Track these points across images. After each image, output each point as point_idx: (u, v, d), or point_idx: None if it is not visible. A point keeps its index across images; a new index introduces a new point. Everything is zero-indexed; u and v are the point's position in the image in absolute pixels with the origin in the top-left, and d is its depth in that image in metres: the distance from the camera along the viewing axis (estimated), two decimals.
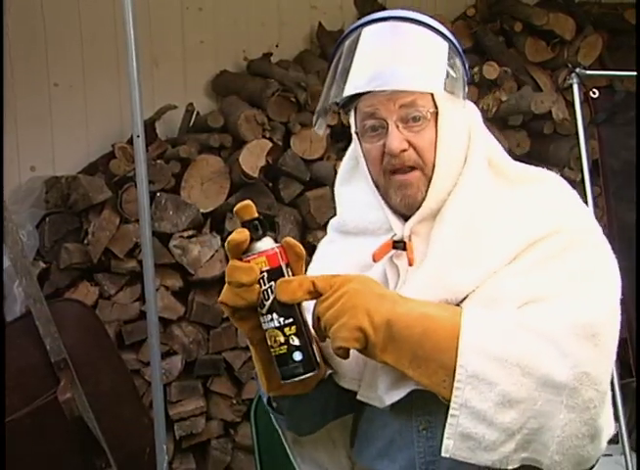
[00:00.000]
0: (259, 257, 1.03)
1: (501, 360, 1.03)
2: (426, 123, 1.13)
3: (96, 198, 2.71)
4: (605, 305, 1.10)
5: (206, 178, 2.83)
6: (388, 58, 1.13)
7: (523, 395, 1.03)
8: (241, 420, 2.90)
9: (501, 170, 1.19)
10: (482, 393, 1.03)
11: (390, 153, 1.12)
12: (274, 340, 1.04)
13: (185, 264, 2.78)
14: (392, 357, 1.05)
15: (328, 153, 2.91)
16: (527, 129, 3.08)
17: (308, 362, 1.05)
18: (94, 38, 3.02)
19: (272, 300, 1.03)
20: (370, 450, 1.19)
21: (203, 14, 3.20)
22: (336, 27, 3.27)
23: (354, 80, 1.11)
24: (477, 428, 1.03)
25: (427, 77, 1.13)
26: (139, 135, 2.05)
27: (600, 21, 3.26)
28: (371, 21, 1.17)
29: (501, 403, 1.02)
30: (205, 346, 2.85)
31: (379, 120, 1.13)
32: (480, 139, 1.18)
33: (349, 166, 1.25)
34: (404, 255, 1.14)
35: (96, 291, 2.75)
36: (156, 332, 2.17)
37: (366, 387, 1.16)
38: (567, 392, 1.03)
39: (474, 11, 3.22)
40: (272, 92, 2.86)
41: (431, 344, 1.04)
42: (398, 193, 1.14)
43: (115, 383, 2.55)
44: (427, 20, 1.17)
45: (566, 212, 1.16)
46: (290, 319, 1.04)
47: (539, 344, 1.04)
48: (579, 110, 2.42)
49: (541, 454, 1.05)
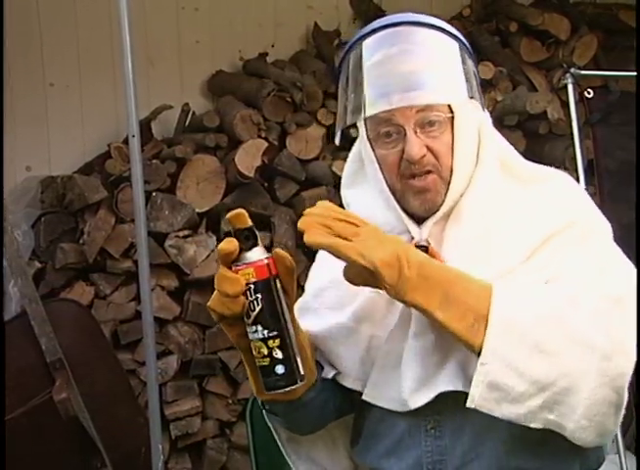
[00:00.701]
0: (247, 268, 1.02)
1: (534, 311, 1.02)
2: (443, 128, 1.13)
3: (92, 198, 2.72)
4: (630, 282, 1.08)
5: (202, 178, 2.84)
6: (406, 69, 1.11)
7: (555, 347, 1.00)
8: (236, 420, 2.90)
9: (513, 171, 1.20)
10: (515, 340, 1.00)
11: (411, 159, 1.11)
12: (258, 351, 1.03)
13: (181, 264, 2.78)
14: (422, 297, 1.01)
15: (323, 153, 2.92)
16: (523, 129, 3.08)
17: (291, 375, 1.04)
18: (90, 38, 3.02)
19: (258, 311, 1.02)
20: (377, 449, 1.19)
21: (199, 14, 3.20)
22: (331, 28, 3.28)
23: (374, 98, 1.10)
24: (506, 377, 1.00)
25: (450, 87, 1.13)
26: (134, 135, 2.06)
27: (595, 21, 3.27)
28: (379, 27, 1.15)
29: (534, 353, 1.00)
30: (201, 345, 2.85)
31: (395, 127, 1.12)
32: (490, 140, 1.19)
33: (353, 169, 1.25)
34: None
35: (92, 291, 2.75)
36: (151, 332, 2.17)
37: (372, 387, 1.16)
38: (599, 354, 1.01)
39: (469, 11, 3.23)
40: (268, 92, 2.86)
41: (462, 286, 1.03)
42: (417, 198, 1.14)
43: (111, 383, 2.55)
44: (436, 22, 1.16)
45: (577, 207, 1.17)
46: (274, 332, 1.03)
47: (571, 306, 1.03)
48: (574, 110, 2.43)
49: (567, 418, 1.02)
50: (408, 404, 1.12)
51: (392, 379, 1.14)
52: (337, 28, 3.28)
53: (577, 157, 2.42)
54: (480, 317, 1.01)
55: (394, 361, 1.15)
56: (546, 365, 1.00)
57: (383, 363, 1.16)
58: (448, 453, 1.13)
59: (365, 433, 1.22)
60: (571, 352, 1.01)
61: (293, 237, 2.86)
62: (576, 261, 1.09)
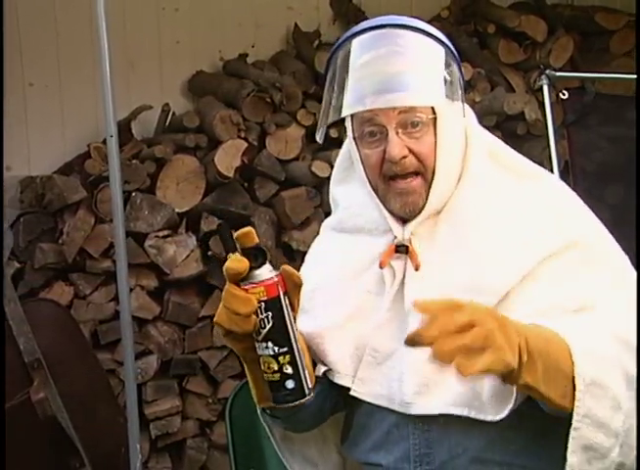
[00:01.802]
0: (258, 286, 1.03)
1: (606, 364, 1.04)
2: (425, 129, 1.14)
3: (71, 198, 2.72)
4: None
5: (182, 178, 2.84)
6: (387, 71, 1.12)
7: (625, 395, 1.04)
8: (217, 419, 2.91)
9: (503, 161, 1.21)
10: (600, 399, 1.02)
11: (391, 160, 1.12)
12: (267, 366, 1.05)
13: (160, 264, 2.79)
14: (531, 377, 0.99)
15: (303, 153, 2.93)
16: (501, 130, 3.11)
17: (300, 390, 1.06)
18: (70, 38, 3.01)
19: (269, 328, 1.04)
20: (366, 443, 1.21)
21: (179, 14, 3.21)
22: (311, 28, 3.29)
23: (353, 98, 1.11)
24: (597, 437, 1.02)
25: (427, 90, 1.14)
26: (112, 135, 2.06)
27: (571, 23, 3.31)
28: (365, 29, 1.16)
29: (614, 407, 1.03)
30: (181, 345, 2.86)
31: (378, 127, 1.14)
32: (477, 137, 1.20)
33: (344, 167, 1.27)
34: (401, 257, 1.16)
35: (71, 291, 2.76)
36: (130, 332, 2.17)
37: (360, 384, 1.18)
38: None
39: (448, 13, 3.26)
40: (247, 93, 2.87)
41: (555, 355, 1.01)
42: (399, 200, 1.15)
43: (90, 382, 2.55)
44: (422, 25, 1.17)
45: (578, 221, 1.18)
46: (284, 348, 1.05)
47: (623, 347, 1.06)
48: (549, 111, 2.45)
49: (628, 457, 1.06)
50: (410, 410, 1.14)
51: (381, 375, 1.16)
52: (317, 29, 3.29)
53: (553, 157, 2.44)
54: (569, 381, 1.02)
55: (382, 358, 1.17)
56: (622, 415, 1.04)
57: (369, 360, 1.18)
58: (435, 447, 1.15)
59: (354, 427, 1.24)
60: (631, 396, 1.05)
61: (272, 237, 2.87)
62: (592, 290, 1.11)
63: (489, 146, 1.21)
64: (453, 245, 1.15)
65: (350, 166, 1.24)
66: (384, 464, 1.19)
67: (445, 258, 1.15)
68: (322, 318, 1.22)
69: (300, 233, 2.89)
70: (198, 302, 2.87)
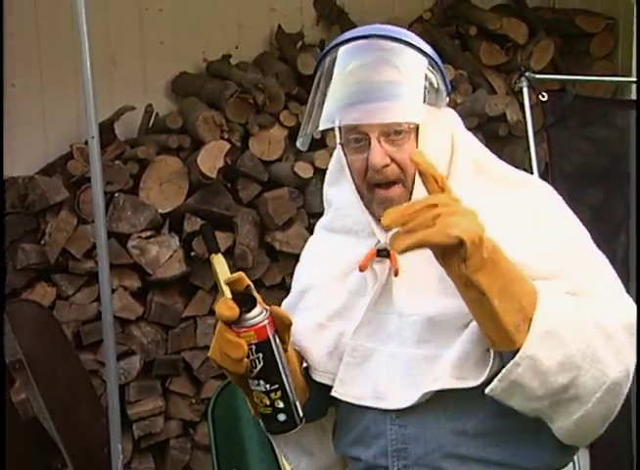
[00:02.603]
0: (249, 331, 1.07)
1: (571, 327, 1.06)
2: (407, 137, 1.14)
3: (53, 198, 2.72)
4: (633, 308, 1.15)
5: (165, 179, 2.85)
6: (363, 83, 1.12)
7: (579, 365, 1.06)
8: (200, 420, 2.91)
9: (487, 171, 1.22)
10: (550, 350, 1.05)
11: (372, 168, 1.13)
12: (260, 401, 1.11)
13: (143, 265, 2.79)
14: (486, 280, 1.01)
15: (286, 154, 2.94)
16: (483, 131, 3.13)
17: (292, 421, 1.11)
18: (52, 38, 3.01)
19: (260, 368, 1.08)
20: (347, 438, 1.24)
21: (162, 15, 3.21)
22: (295, 30, 3.31)
23: (328, 110, 1.12)
24: (531, 381, 1.05)
25: (402, 107, 1.14)
26: (94, 136, 2.06)
27: (553, 26, 3.34)
28: (349, 39, 1.17)
29: (561, 367, 1.05)
30: (164, 346, 2.86)
31: (361, 134, 1.14)
32: (463, 144, 1.20)
33: (337, 168, 1.27)
34: (385, 261, 1.18)
35: (53, 291, 2.76)
36: (111, 332, 2.18)
37: (340, 384, 1.20)
38: (611, 380, 1.08)
39: (430, 15, 3.28)
40: (230, 94, 2.88)
41: (520, 284, 1.05)
42: (381, 207, 1.16)
43: (72, 383, 2.55)
44: (405, 36, 1.17)
45: (563, 229, 1.18)
46: (275, 385, 1.09)
47: (597, 327, 1.08)
48: (529, 113, 2.47)
49: (561, 417, 1.10)
50: (386, 405, 1.16)
51: (360, 376, 1.18)
52: (300, 31, 3.30)
53: (532, 159, 2.47)
54: (526, 319, 1.04)
55: (361, 358, 1.19)
56: (567, 379, 1.06)
57: (349, 360, 1.19)
58: (412, 442, 1.17)
59: (338, 423, 1.28)
60: (590, 372, 1.07)
61: (255, 237, 2.88)
62: (586, 278, 1.13)
63: (475, 154, 1.22)
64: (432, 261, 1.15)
65: (343, 169, 1.25)
66: (363, 458, 1.22)
67: (430, 267, 1.14)
68: (307, 317, 1.23)
69: (283, 234, 2.91)
70: (181, 302, 2.88)
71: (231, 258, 2.80)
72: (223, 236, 2.82)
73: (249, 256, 2.83)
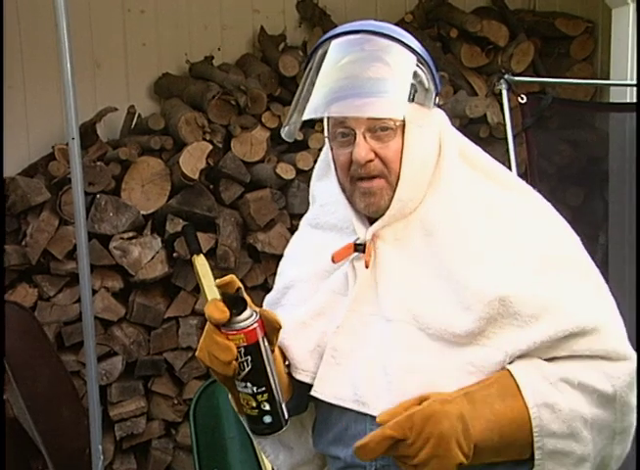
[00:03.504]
0: (238, 334, 1.07)
1: (569, 431, 1.11)
2: (393, 134, 1.15)
3: (34, 200, 2.72)
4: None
5: (147, 180, 2.85)
6: (351, 77, 1.13)
7: (591, 449, 1.14)
8: (182, 420, 2.92)
9: (475, 163, 1.23)
10: (561, 461, 1.12)
11: (356, 162, 1.15)
12: (246, 403, 1.11)
13: (125, 266, 2.79)
14: (476, 461, 1.09)
15: (268, 155, 2.95)
16: (464, 133, 3.14)
17: (277, 423, 1.12)
18: (34, 38, 3.00)
19: (248, 371, 1.09)
20: (327, 437, 1.25)
21: (145, 16, 3.21)
22: (277, 32, 3.32)
23: (316, 102, 1.13)
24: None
25: (387, 102, 1.14)
26: (74, 137, 2.07)
27: (533, 28, 3.36)
28: (341, 33, 1.17)
29: (577, 463, 1.14)
30: (146, 346, 2.87)
31: (348, 129, 1.16)
32: (450, 142, 1.21)
33: (325, 163, 1.29)
34: (364, 257, 1.18)
35: (35, 292, 2.75)
36: (92, 333, 2.18)
37: (320, 383, 1.20)
38: (617, 430, 1.16)
39: (411, 17, 3.29)
40: (213, 95, 2.89)
41: (508, 440, 1.10)
42: (363, 200, 1.17)
43: (54, 384, 2.55)
44: (396, 33, 1.17)
45: (557, 235, 1.20)
46: (262, 388, 1.10)
47: (592, 397, 1.12)
48: (508, 114, 2.50)
49: None
50: (366, 409, 1.16)
51: (340, 375, 1.18)
52: (282, 32, 3.32)
53: (512, 160, 2.49)
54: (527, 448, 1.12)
55: (341, 358, 1.19)
56: (589, 465, 1.15)
57: (329, 360, 1.20)
58: None
59: (318, 421, 1.28)
60: (600, 443, 1.15)
61: (237, 238, 2.89)
62: (582, 301, 1.15)
63: (464, 151, 1.22)
64: (426, 254, 1.17)
65: (329, 164, 1.26)
66: (342, 457, 1.23)
67: (417, 267, 1.16)
68: (291, 316, 1.24)
69: (265, 235, 2.92)
70: (163, 303, 2.88)
71: (213, 259, 2.81)
72: (205, 237, 2.83)
73: (231, 256, 2.84)
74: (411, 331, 1.15)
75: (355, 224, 1.20)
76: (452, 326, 1.12)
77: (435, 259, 1.16)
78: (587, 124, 3.15)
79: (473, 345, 1.12)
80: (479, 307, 1.11)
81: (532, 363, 1.13)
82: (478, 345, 1.12)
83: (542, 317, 1.12)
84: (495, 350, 1.12)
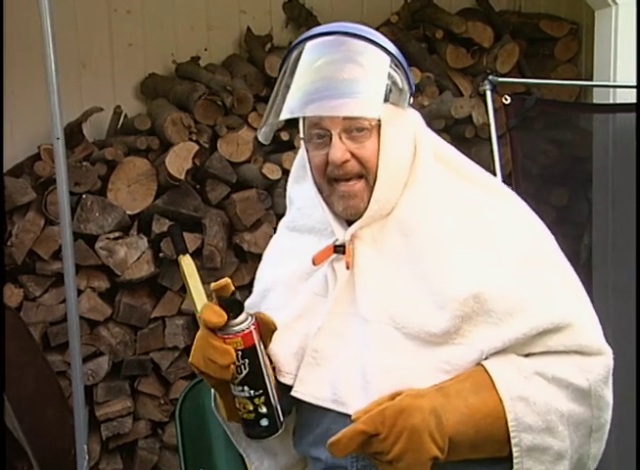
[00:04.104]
0: (235, 337, 1.07)
1: (545, 425, 1.12)
2: (368, 134, 1.15)
3: (20, 200, 2.72)
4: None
5: (133, 180, 2.85)
6: (327, 78, 1.13)
7: (568, 446, 1.15)
8: (168, 420, 2.92)
9: (450, 163, 1.23)
10: (539, 458, 1.13)
11: (332, 163, 1.15)
12: (243, 406, 1.10)
13: (111, 266, 2.79)
14: (454, 457, 1.10)
15: (254, 156, 2.95)
16: (450, 133, 3.17)
17: (274, 426, 1.12)
18: (19, 38, 3.00)
19: (245, 374, 1.08)
20: (308, 438, 1.25)
21: (131, 16, 3.21)
22: (264, 32, 3.33)
23: (291, 103, 1.13)
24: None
25: (363, 102, 1.14)
26: (59, 137, 2.07)
27: (518, 30, 3.39)
28: (316, 34, 1.18)
29: (556, 460, 1.14)
30: (133, 346, 2.87)
31: (324, 130, 1.16)
32: (425, 142, 1.22)
33: (301, 165, 1.28)
34: (344, 258, 1.18)
35: (20, 293, 2.75)
36: (76, 333, 2.18)
37: (300, 384, 1.20)
38: (594, 427, 1.18)
39: (397, 18, 3.31)
40: (199, 95, 2.89)
41: (484, 435, 1.11)
42: (341, 202, 1.18)
43: (40, 385, 2.54)
44: (370, 34, 1.18)
45: (533, 236, 1.21)
46: (259, 391, 1.09)
47: (567, 391, 1.14)
48: (492, 115, 2.51)
49: None
50: (347, 409, 1.16)
51: (321, 376, 1.18)
52: (269, 33, 3.33)
53: (495, 160, 2.51)
54: (506, 446, 1.12)
55: (322, 359, 1.19)
56: (567, 462, 1.16)
57: (309, 361, 1.20)
58: None
59: (299, 422, 1.28)
60: (576, 438, 1.16)
61: (223, 238, 2.89)
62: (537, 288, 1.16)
63: (439, 152, 1.23)
64: (403, 254, 1.17)
65: (306, 166, 1.26)
66: (323, 459, 1.22)
67: (394, 268, 1.17)
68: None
69: (251, 235, 2.92)
70: (149, 303, 2.88)
71: (199, 259, 2.81)
72: (192, 237, 2.83)
73: (217, 256, 2.85)
74: (388, 331, 1.15)
75: (333, 226, 1.20)
76: (428, 325, 1.13)
77: (412, 259, 1.17)
78: (572, 125, 3.17)
79: (449, 344, 1.13)
80: (453, 306, 1.12)
81: (507, 359, 1.14)
82: (454, 344, 1.13)
83: (516, 314, 1.13)
84: (471, 348, 1.13)
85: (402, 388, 1.12)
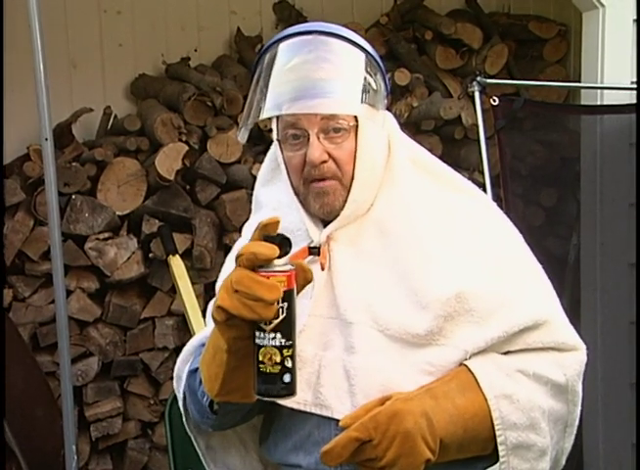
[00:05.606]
0: (280, 276, 1.01)
1: (529, 422, 1.14)
2: (346, 135, 1.15)
3: (9, 200, 2.72)
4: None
5: (123, 181, 2.85)
6: (307, 77, 1.13)
7: (549, 442, 1.17)
8: (158, 420, 2.92)
9: (424, 165, 1.24)
10: (524, 456, 1.15)
11: (311, 164, 1.15)
12: (269, 358, 1.03)
13: (101, 266, 2.79)
14: (443, 458, 1.11)
15: (244, 156, 2.95)
16: (439, 134, 3.19)
17: (293, 385, 1.05)
18: (8, 38, 2.99)
19: (281, 319, 1.02)
20: (286, 444, 1.22)
21: (121, 17, 3.21)
22: (254, 33, 3.33)
23: (270, 103, 1.12)
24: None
25: (342, 100, 1.14)
26: (47, 138, 2.07)
27: (507, 31, 3.40)
28: (292, 34, 1.17)
29: (539, 457, 1.17)
30: (122, 347, 2.87)
31: (300, 130, 1.15)
32: (399, 143, 1.22)
33: (271, 168, 1.28)
34: (319, 260, 1.18)
35: (10, 293, 2.75)
36: (65, 334, 2.18)
37: None
38: (569, 422, 1.21)
39: (387, 19, 3.32)
40: (189, 96, 2.90)
41: (472, 434, 1.12)
42: (317, 201, 1.17)
43: (29, 385, 2.54)
44: (347, 34, 1.18)
45: (506, 238, 1.23)
46: (290, 341, 1.03)
47: (547, 387, 1.16)
48: (480, 116, 2.53)
49: None
50: (329, 413, 1.16)
51: (302, 380, 1.16)
52: (259, 34, 3.33)
53: (484, 161, 2.52)
54: (492, 444, 1.14)
55: (302, 363, 1.17)
56: (548, 458, 1.19)
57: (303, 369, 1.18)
58: None
59: (275, 428, 1.25)
60: (554, 433, 1.19)
61: (213, 239, 2.90)
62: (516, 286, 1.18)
63: (413, 154, 1.24)
64: (382, 254, 1.18)
65: (277, 168, 1.26)
66: (303, 465, 1.20)
67: (373, 268, 1.17)
68: None
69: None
70: (139, 303, 2.88)
71: (189, 260, 2.82)
72: (181, 237, 2.84)
73: (207, 257, 2.85)
74: (371, 333, 1.15)
75: (309, 227, 1.19)
76: (411, 326, 1.13)
77: (391, 260, 1.18)
78: (560, 126, 3.19)
79: (432, 345, 1.14)
80: (436, 306, 1.13)
81: (488, 357, 1.15)
82: (437, 345, 1.14)
83: (497, 313, 1.14)
84: (454, 348, 1.14)
85: (387, 390, 1.12)
